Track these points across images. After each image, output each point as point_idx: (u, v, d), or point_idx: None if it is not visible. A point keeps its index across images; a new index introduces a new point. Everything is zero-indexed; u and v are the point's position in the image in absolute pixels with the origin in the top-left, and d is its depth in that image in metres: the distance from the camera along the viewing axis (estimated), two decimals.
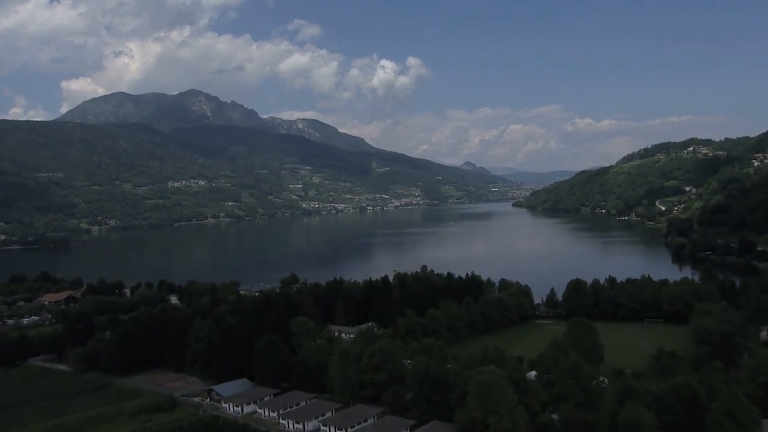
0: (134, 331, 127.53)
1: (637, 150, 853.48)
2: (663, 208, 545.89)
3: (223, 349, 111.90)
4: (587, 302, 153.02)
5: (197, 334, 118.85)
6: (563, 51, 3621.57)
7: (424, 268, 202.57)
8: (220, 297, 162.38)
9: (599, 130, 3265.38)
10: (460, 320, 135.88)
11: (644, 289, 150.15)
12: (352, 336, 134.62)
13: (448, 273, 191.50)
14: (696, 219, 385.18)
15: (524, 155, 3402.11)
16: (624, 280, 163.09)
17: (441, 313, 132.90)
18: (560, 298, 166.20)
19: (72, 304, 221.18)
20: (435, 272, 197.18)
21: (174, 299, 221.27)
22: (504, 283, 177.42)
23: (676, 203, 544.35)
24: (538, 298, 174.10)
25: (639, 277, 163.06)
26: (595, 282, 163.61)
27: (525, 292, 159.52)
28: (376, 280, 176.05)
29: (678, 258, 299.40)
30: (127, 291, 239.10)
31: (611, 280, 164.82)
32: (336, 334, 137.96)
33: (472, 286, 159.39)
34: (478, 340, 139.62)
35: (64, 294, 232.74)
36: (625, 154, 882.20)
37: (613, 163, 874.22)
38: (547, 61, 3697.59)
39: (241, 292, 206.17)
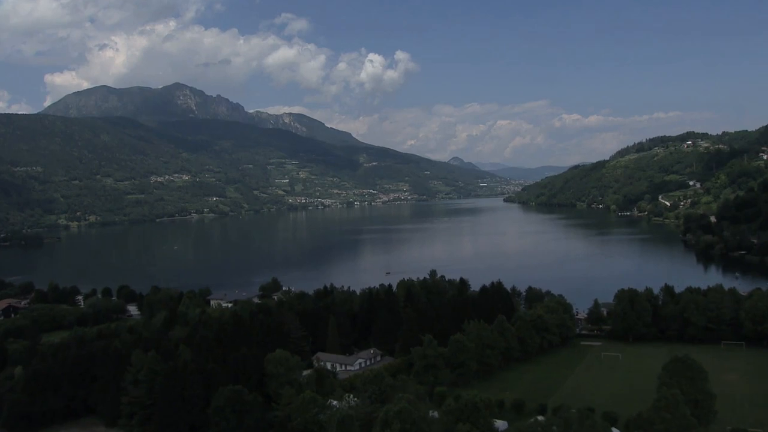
0: (52, 368, 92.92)
1: (632, 144, 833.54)
2: (668, 203, 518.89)
3: (168, 399, 78.37)
4: (645, 319, 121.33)
5: (135, 376, 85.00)
6: (551, 46, 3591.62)
7: (433, 273, 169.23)
8: (178, 314, 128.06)
9: (586, 126, 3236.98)
10: (493, 348, 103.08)
11: (720, 303, 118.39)
12: (350, 369, 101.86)
13: (462, 279, 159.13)
14: (715, 214, 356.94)
15: (511, 151, 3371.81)
16: (683, 290, 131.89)
17: (469, 339, 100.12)
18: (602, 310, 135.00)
19: (14, 315, 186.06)
20: (446, 278, 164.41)
21: (134, 309, 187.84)
22: (532, 292, 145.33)
23: (681, 198, 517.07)
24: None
25: (702, 287, 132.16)
26: (648, 291, 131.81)
27: (565, 306, 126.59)
28: (376, 289, 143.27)
29: (705, 258, 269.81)
30: (81, 299, 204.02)
31: (667, 290, 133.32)
32: (329, 366, 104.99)
33: (500, 298, 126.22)
34: (514, 372, 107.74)
35: (4, 303, 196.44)
36: (611, 149, 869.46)
37: (601, 158, 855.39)
38: (536, 57, 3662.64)
39: (212, 303, 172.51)
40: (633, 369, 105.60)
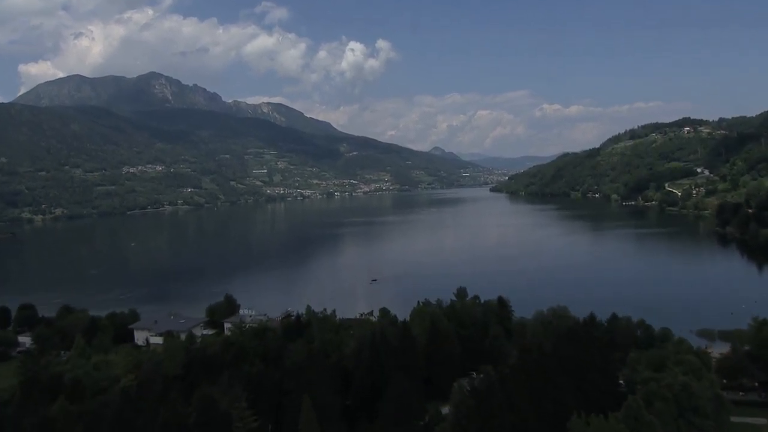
0: None
1: (624, 131, 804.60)
2: (678, 192, 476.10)
3: None
4: None
5: None
6: (533, 36, 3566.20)
7: (461, 294, 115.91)
8: (50, 378, 74.84)
9: (567, 116, 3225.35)
10: None
11: None
12: None
13: (501, 300, 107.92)
14: (747, 204, 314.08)
15: (492, 141, 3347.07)
16: None
17: None
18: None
19: None
20: (480, 300, 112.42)
21: (30, 341, 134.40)
22: (617, 324, 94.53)
23: (693, 186, 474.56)
24: None
25: None
26: None
27: (703, 358, 75.83)
28: (378, 324, 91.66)
29: (761, 256, 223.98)
30: None
31: None
32: None
33: (594, 346, 74.54)
34: None
35: None
36: (592, 139, 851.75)
37: (582, 148, 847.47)
38: (517, 46, 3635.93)
39: (135, 335, 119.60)
40: None
